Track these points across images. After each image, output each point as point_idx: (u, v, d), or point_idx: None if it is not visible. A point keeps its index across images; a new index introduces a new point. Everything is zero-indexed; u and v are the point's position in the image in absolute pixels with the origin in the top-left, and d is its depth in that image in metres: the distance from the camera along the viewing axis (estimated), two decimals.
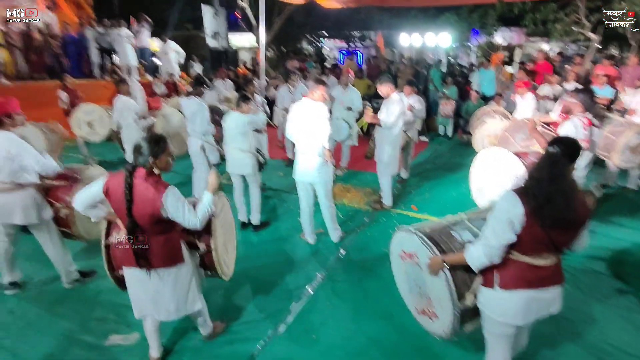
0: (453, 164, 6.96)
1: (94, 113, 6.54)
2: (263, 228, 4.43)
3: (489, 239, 1.77)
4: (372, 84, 10.28)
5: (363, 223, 4.61)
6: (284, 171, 6.43)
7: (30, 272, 3.42)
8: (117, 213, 2.14)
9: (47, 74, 9.78)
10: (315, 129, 3.58)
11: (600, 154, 4.83)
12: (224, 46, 14.74)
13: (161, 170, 2.12)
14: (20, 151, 2.79)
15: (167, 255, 2.17)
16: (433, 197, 5.45)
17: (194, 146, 4.46)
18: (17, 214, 2.88)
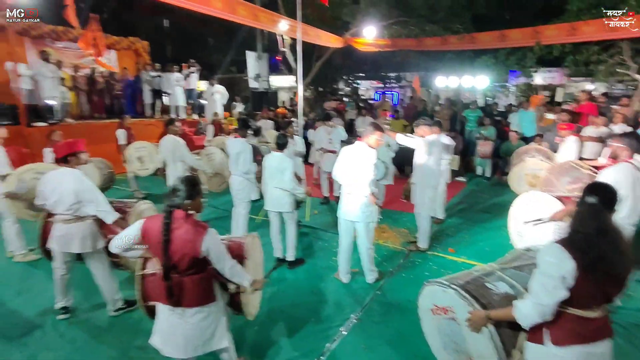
0: (492, 206, 6.77)
1: (145, 149, 7.03)
2: (298, 265, 4.47)
3: (539, 297, 1.69)
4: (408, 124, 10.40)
5: (399, 264, 4.54)
6: (319, 209, 6.52)
7: (80, 299, 3.62)
8: (154, 253, 2.19)
9: (106, 113, 10.71)
10: (363, 172, 3.67)
11: None
12: (265, 87, 15.55)
13: (195, 211, 2.23)
14: (86, 190, 3.07)
15: (200, 295, 2.21)
16: (472, 239, 5.29)
17: (236, 184, 4.66)
18: (75, 243, 3.12)
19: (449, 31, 11.43)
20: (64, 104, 9.21)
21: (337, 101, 12.94)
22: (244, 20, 7.78)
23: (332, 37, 11.73)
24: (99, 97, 10.72)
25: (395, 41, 12.16)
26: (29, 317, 3.43)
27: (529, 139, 8.33)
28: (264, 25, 8.82)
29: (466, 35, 11.01)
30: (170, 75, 10.96)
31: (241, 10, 7.48)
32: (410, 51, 13.65)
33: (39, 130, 7.85)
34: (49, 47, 10.05)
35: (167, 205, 2.11)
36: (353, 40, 12.40)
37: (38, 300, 3.66)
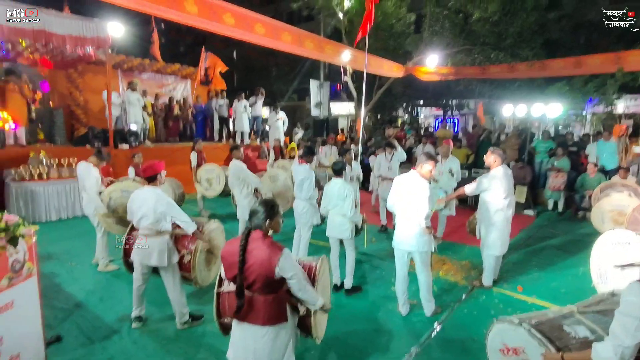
0: (566, 243, 6.24)
1: (213, 172, 7.51)
2: (355, 292, 4.43)
3: (620, 338, 1.58)
4: (470, 153, 10.05)
5: (460, 299, 4.31)
6: (377, 237, 6.45)
7: (153, 309, 3.89)
8: (230, 272, 2.28)
9: (179, 137, 11.67)
10: (416, 202, 3.62)
11: None
12: (325, 115, 15.99)
13: (273, 230, 2.35)
14: (167, 206, 3.39)
15: (273, 314, 2.26)
16: (543, 278, 4.89)
17: (299, 208, 4.81)
18: (154, 257, 3.40)
19: (517, 58, 11.03)
20: (144, 129, 10.22)
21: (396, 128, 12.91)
22: (311, 53, 8.17)
23: (394, 66, 11.86)
24: (174, 122, 11.73)
25: (458, 69, 11.98)
26: (109, 322, 3.74)
27: (610, 172, 7.65)
28: (328, 57, 9.19)
29: (536, 62, 10.54)
30: (237, 103, 11.74)
31: (308, 43, 7.90)
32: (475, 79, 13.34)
33: (122, 152, 8.75)
34: (136, 78, 11.31)
35: (246, 227, 2.25)
36: (415, 69, 12.42)
37: (118, 308, 3.99)
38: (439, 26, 12.08)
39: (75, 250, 5.59)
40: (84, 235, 5.77)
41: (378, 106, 15.97)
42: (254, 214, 2.28)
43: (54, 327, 3.55)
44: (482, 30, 11.62)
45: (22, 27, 6.76)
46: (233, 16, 6.35)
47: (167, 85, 13.16)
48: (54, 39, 7.19)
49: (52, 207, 7.18)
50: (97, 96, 10.29)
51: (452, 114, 19.51)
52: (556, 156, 8.40)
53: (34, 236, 2.62)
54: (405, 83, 15.39)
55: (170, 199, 3.46)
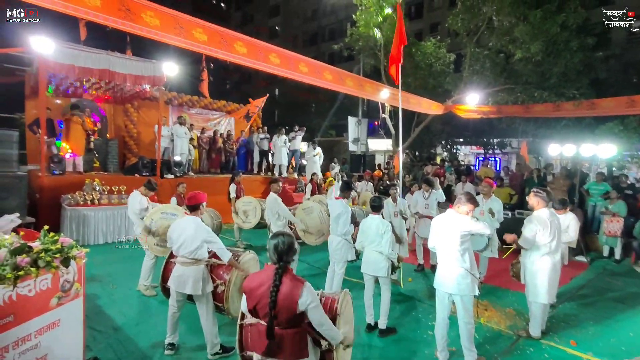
0: (627, 295, 5.70)
1: (251, 204, 7.67)
2: (389, 334, 4.23)
3: None
4: (514, 193, 9.65)
5: (504, 350, 3.99)
6: (413, 276, 6.22)
7: (185, 337, 3.91)
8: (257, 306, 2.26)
9: (220, 169, 12.14)
10: (456, 242, 3.50)
11: None
12: (363, 150, 16.11)
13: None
14: (207, 234, 3.49)
15: (295, 349, 2.23)
16: (600, 332, 4.45)
17: (334, 243, 4.77)
18: (189, 285, 3.46)
19: (562, 97, 10.70)
20: (189, 160, 10.74)
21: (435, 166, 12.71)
22: (351, 91, 8.41)
23: (433, 104, 11.88)
24: (217, 154, 12.26)
25: (500, 108, 11.78)
26: (143, 347, 3.79)
27: None
28: (368, 94, 9.40)
29: (584, 101, 10.16)
30: (277, 138, 12.13)
31: (349, 82, 8.14)
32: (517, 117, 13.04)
33: (167, 181, 9.19)
34: (185, 113, 12.05)
35: (276, 269, 2.24)
36: (455, 107, 12.35)
37: (152, 333, 4.04)
38: (480, 65, 12.07)
39: (118, 273, 5.81)
40: (128, 260, 6.01)
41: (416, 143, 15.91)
42: (284, 252, 2.27)
43: (92, 349, 3.65)
44: (525, 70, 11.46)
45: (91, 67, 7.54)
46: (278, 57, 6.72)
47: (213, 120, 13.91)
48: (117, 77, 7.93)
49: (99, 231, 7.59)
50: (149, 129, 11.06)
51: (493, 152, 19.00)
52: (610, 199, 7.86)
53: (84, 258, 2.77)
54: (444, 120, 15.32)
55: (209, 228, 3.55)
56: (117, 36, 9.18)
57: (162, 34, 5.13)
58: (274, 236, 2.34)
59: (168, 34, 5.17)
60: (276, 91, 29.60)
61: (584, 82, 11.13)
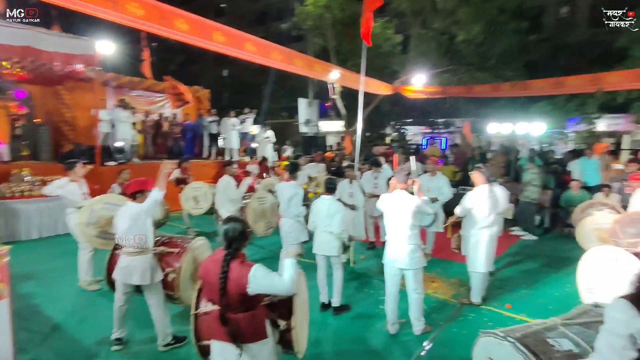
0: (554, 259, 6.29)
1: (201, 189, 7.43)
2: (343, 311, 4.36)
3: (606, 357, 1.57)
4: (458, 171, 10.17)
5: (449, 317, 4.28)
6: (366, 254, 6.42)
7: (134, 330, 3.77)
8: (207, 293, 2.29)
9: (167, 154, 11.58)
10: (405, 219, 3.64)
11: None
12: (314, 132, 16.12)
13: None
14: (146, 221, 3.32)
15: (253, 332, 2.25)
16: (532, 295, 4.90)
17: (286, 226, 4.77)
18: (136, 275, 3.31)
19: (500, 78, 11.35)
20: (132, 146, 10.13)
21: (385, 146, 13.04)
22: (300, 71, 8.29)
23: (381, 85, 12.08)
24: (163, 139, 11.67)
25: (444, 88, 12.26)
26: (88, 345, 3.61)
27: (593, 189, 7.79)
28: (317, 75, 9.34)
29: (519, 82, 10.86)
30: (226, 120, 11.77)
31: (298, 62, 8.02)
32: (460, 97, 13.65)
33: (109, 169, 8.63)
34: (126, 96, 11.28)
35: (225, 255, 2.21)
36: (402, 88, 12.66)
37: (98, 329, 3.84)
38: (425, 47, 12.43)
39: (58, 269, 5.43)
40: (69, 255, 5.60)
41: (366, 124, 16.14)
42: (233, 239, 2.24)
43: (29, 351, 3.41)
44: (467, 51, 12.00)
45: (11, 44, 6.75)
46: (223, 35, 6.42)
47: (157, 102, 13.15)
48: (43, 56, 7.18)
49: (32, 226, 7.00)
50: (85, 113, 10.20)
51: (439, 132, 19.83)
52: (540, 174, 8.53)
53: (5, 256, 2.53)
54: (393, 101, 15.67)
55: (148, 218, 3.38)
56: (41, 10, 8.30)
57: (92, 7, 4.68)
58: (226, 221, 2.30)
59: (98, 7, 4.73)
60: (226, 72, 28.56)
61: (519, 64, 11.91)
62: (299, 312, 2.56)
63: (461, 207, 4.46)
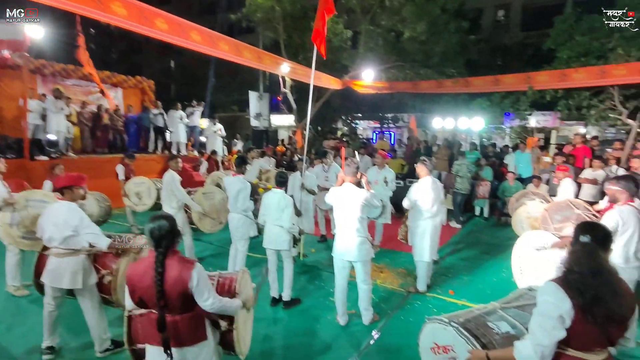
0: (492, 246, 6.72)
1: (143, 184, 7.05)
2: (294, 305, 4.36)
3: (538, 337, 1.66)
4: (405, 164, 10.54)
5: (396, 306, 4.43)
6: (316, 247, 6.46)
7: (68, 337, 3.50)
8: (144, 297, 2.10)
9: (108, 148, 10.85)
10: (354, 211, 3.70)
11: None
12: (265, 126, 15.90)
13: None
14: (79, 223, 3.06)
15: (192, 334, 2.15)
16: (472, 281, 5.20)
17: (235, 221, 4.65)
18: (66, 278, 3.06)
19: (443, 75, 11.90)
20: (67, 139, 9.37)
21: (336, 140, 13.18)
22: (249, 63, 8.10)
23: (332, 79, 12.16)
24: (103, 132, 10.89)
25: (392, 84, 12.61)
26: (16, 355, 3.30)
27: (526, 180, 8.43)
28: (267, 67, 9.20)
29: (460, 79, 11.46)
30: (173, 113, 11.25)
31: (247, 53, 7.82)
32: (407, 93, 14.13)
33: (41, 163, 7.92)
34: (59, 85, 10.37)
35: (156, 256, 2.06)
36: (352, 83, 12.85)
37: (29, 337, 3.53)
38: (374, 43, 12.67)
39: None
40: None
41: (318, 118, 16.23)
42: (161, 238, 2.08)
43: None
44: (412, 49, 12.43)
45: None
46: (166, 22, 6.08)
47: (95, 93, 12.26)
48: None
49: None
50: (12, 103, 9.26)
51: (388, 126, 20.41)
52: (480, 166, 9.09)
53: None
54: (344, 96, 15.85)
55: (83, 213, 3.14)
56: None
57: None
58: (151, 220, 2.13)
59: None
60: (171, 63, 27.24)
61: (460, 61, 12.57)
62: (241, 312, 2.50)
63: (408, 200, 4.62)
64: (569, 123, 15.45)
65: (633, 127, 9.72)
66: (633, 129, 9.74)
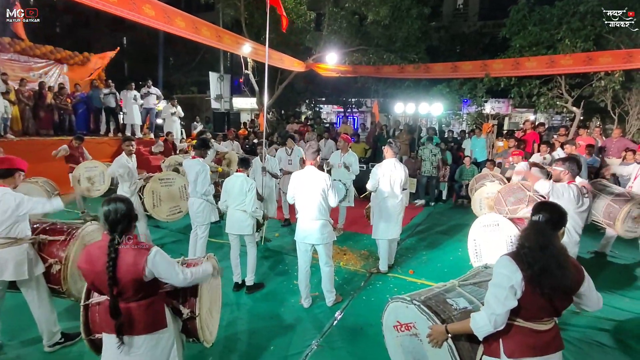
0: (449, 227, 6.99)
1: (96, 169, 6.65)
2: (257, 290, 4.32)
3: (492, 306, 1.78)
4: (368, 148, 10.65)
5: (359, 287, 4.51)
6: (280, 231, 6.42)
7: (11, 332, 3.25)
8: (95, 282, 2.01)
9: (54, 130, 10.08)
10: (315, 195, 3.69)
11: (603, 222, 4.96)
12: (227, 108, 15.43)
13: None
14: (20, 201, 2.82)
15: (149, 321, 2.06)
16: (430, 260, 5.40)
17: (195, 206, 4.48)
18: (9, 270, 2.82)
19: (405, 60, 12.03)
20: (4, 119, 8.59)
21: (300, 124, 13.06)
22: (207, 41, 7.74)
23: (295, 61, 11.94)
24: (47, 112, 10.08)
25: (355, 68, 12.59)
26: None
27: (481, 164, 8.80)
28: (227, 47, 8.84)
29: (422, 65, 11.64)
30: (126, 93, 10.63)
31: (205, 31, 7.45)
32: (370, 78, 14.17)
33: None
34: None
35: (110, 240, 1.95)
36: (315, 65, 12.69)
37: None
38: (337, 25, 12.53)
39: None
40: None
41: (281, 101, 15.97)
42: (117, 222, 1.98)
43: None
44: (375, 33, 12.44)
45: None
46: None
47: (37, 69, 11.29)
48: None
49: None
50: None
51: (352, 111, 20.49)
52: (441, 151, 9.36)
53: None
54: (307, 79, 15.66)
55: (19, 194, 2.86)
56: None
57: None
58: (105, 202, 2.01)
59: None
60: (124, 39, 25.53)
61: (421, 47, 12.73)
62: (205, 299, 2.42)
63: (371, 181, 4.67)
64: (520, 110, 16.25)
65: (577, 114, 10.39)
66: (577, 116, 10.41)
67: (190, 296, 2.34)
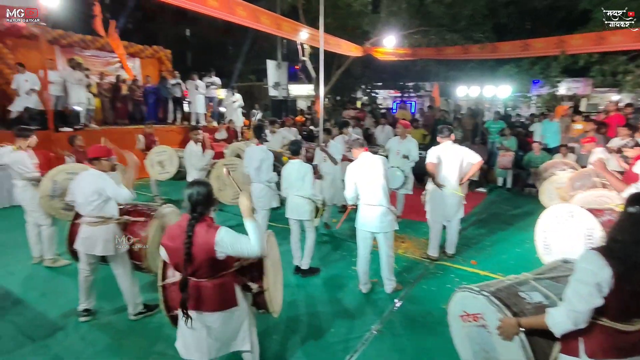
0: (515, 218, 6.60)
1: (165, 153, 7.14)
2: (312, 274, 4.41)
3: (573, 303, 1.65)
4: (427, 134, 10.30)
5: (419, 275, 4.44)
6: (337, 217, 6.46)
7: (103, 301, 3.66)
8: (176, 259, 2.16)
9: (129, 119, 10.96)
10: (376, 182, 3.68)
11: None
12: (284, 95, 15.70)
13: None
14: (102, 184, 3.13)
15: (221, 300, 2.20)
16: (494, 252, 5.15)
17: (257, 191, 4.66)
18: (99, 246, 3.17)
19: (470, 40, 11.34)
20: (88, 110, 9.49)
21: (356, 110, 12.94)
22: (267, 29, 7.90)
23: (352, 46, 11.78)
24: (122, 103, 10.98)
25: (415, 50, 12.14)
26: (52, 318, 3.48)
27: (553, 150, 8.13)
28: (285, 34, 8.96)
29: (488, 44, 10.91)
30: (191, 83, 11.20)
31: (264, 19, 7.61)
32: (430, 60, 13.60)
33: (65, 135, 8.06)
34: (78, 56, 10.41)
35: (189, 220, 2.11)
36: (373, 50, 12.43)
37: (62, 302, 3.71)
38: (396, 7, 12.10)
39: (10, 242, 5.13)
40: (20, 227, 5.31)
41: (338, 87, 15.89)
42: (197, 202, 2.13)
43: None
44: (437, 12, 11.81)
45: None
46: None
47: (114, 63, 12.27)
48: None
49: None
50: None
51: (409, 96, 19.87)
52: (504, 136, 8.79)
53: None
54: (364, 64, 15.40)
55: (110, 180, 3.18)
56: None
57: None
58: (189, 185, 2.19)
59: None
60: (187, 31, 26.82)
61: (488, 25, 11.89)
62: (270, 274, 2.53)
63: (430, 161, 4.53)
64: (600, 90, 14.70)
65: None
66: None
67: (257, 272, 2.46)
